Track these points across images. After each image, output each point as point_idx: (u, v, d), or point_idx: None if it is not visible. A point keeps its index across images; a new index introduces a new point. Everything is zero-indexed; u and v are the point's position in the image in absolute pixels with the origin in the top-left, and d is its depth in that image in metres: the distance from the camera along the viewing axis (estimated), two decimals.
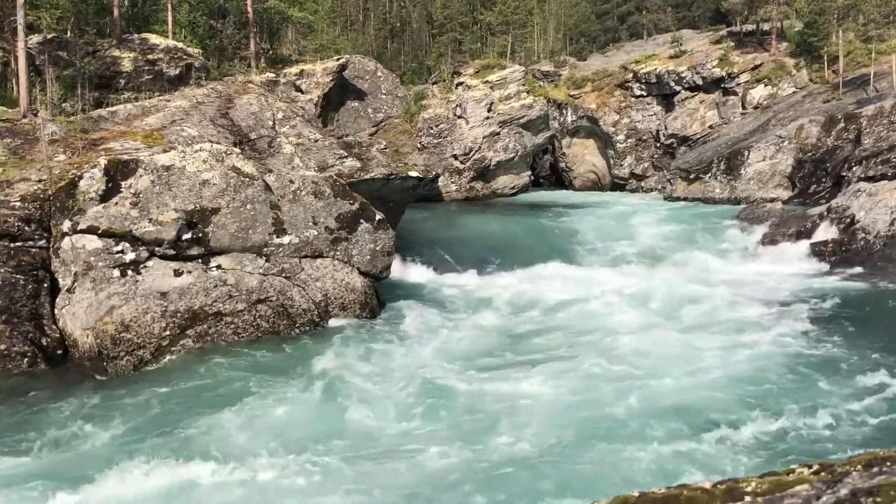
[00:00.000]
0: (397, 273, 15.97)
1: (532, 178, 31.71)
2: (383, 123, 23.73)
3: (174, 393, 9.92)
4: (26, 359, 10.99)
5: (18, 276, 11.60)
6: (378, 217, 14.35)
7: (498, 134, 27.75)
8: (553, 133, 33.27)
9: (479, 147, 27.38)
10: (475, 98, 27.46)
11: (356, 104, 23.33)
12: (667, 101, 33.98)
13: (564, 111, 34.82)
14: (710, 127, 32.02)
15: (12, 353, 10.95)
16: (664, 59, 34.97)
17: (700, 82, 32.97)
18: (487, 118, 27.44)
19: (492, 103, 27.60)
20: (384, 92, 24.16)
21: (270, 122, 17.49)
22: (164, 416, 9.22)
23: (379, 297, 14.32)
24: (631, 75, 34.85)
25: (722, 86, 32.60)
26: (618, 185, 35.00)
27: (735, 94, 32.26)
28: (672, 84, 33.56)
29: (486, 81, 28.09)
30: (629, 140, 34.28)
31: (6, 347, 10.93)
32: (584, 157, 35.90)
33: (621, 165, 34.82)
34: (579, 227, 20.66)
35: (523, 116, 28.11)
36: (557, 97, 34.24)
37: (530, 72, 34.87)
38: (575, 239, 19.90)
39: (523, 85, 28.83)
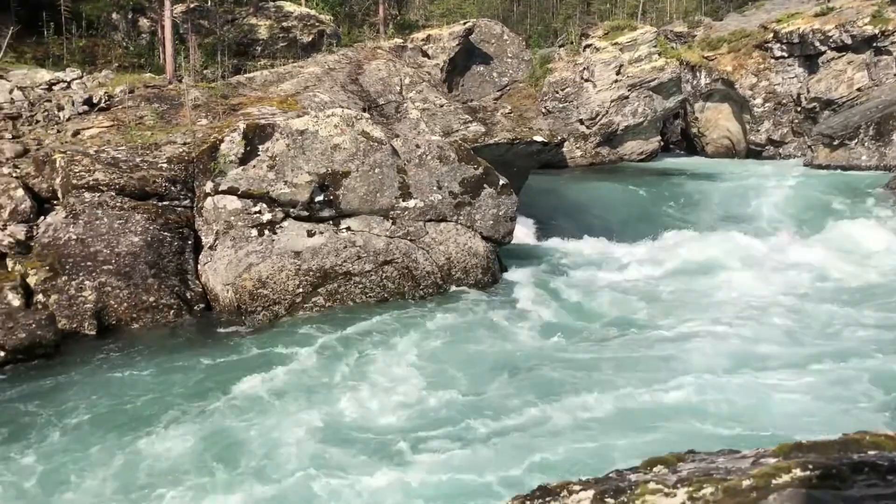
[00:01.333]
0: (520, 239, 15.94)
1: (661, 143, 30.64)
2: (508, 88, 23.56)
3: (309, 345, 10.41)
4: (172, 311, 11.78)
5: (166, 233, 12.41)
6: (501, 182, 14.34)
7: (626, 98, 26.96)
8: (685, 97, 31.96)
9: (607, 111, 26.71)
10: (603, 61, 26.74)
11: (481, 68, 23.25)
12: (810, 62, 31.84)
13: (698, 74, 33.34)
14: (859, 90, 29.80)
15: (160, 304, 11.77)
16: (808, 17, 32.70)
17: (849, 41, 30.67)
18: (616, 81, 26.68)
19: (621, 66, 26.79)
20: (510, 56, 23.94)
21: (398, 88, 17.74)
22: (301, 365, 9.69)
23: (501, 262, 14.38)
24: (771, 35, 32.84)
25: (874, 45, 30.18)
26: (753, 152, 33.29)
27: (889, 53, 29.81)
28: (816, 44, 31.38)
29: (616, 43, 27.26)
30: (767, 104, 32.45)
31: (155, 300, 11.76)
32: (717, 122, 34.32)
33: (758, 131, 33.08)
34: (713, 195, 19.85)
35: (654, 79, 27.15)
36: (691, 59, 32.80)
37: (662, 33, 33.52)
38: (708, 206, 19.14)
39: (655, 47, 27.79)
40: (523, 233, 16.72)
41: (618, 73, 26.82)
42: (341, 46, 19.40)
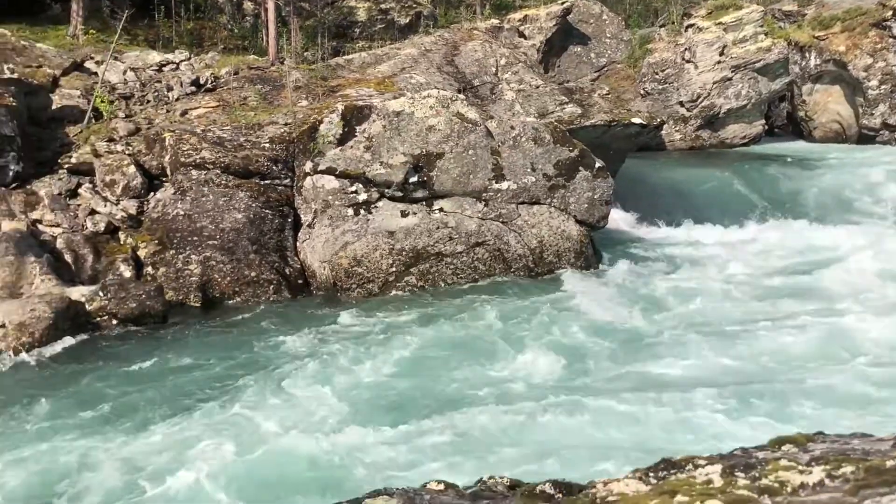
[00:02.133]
0: (615, 223, 15.67)
1: (766, 127, 29.38)
2: (606, 69, 23.09)
3: (401, 322, 10.60)
4: (272, 286, 12.18)
5: (267, 210, 12.82)
6: (597, 165, 14.11)
7: (730, 79, 25.98)
8: (792, 79, 30.49)
9: (709, 93, 25.83)
10: (706, 41, 25.82)
11: (578, 49, 22.85)
12: None
13: (807, 55, 31.71)
14: None
15: (261, 279, 12.19)
16: None
17: None
18: (719, 62, 25.74)
19: (724, 46, 25.82)
20: (608, 36, 23.43)
21: (493, 69, 17.66)
22: (394, 340, 9.87)
23: (595, 247, 14.17)
24: (890, 13, 30.90)
25: None
26: (866, 137, 31.50)
27: None
28: None
29: (720, 23, 26.27)
30: (883, 86, 30.61)
31: (256, 275, 12.19)
32: (826, 105, 32.62)
33: (872, 115, 31.26)
34: (820, 182, 18.92)
35: (759, 60, 26.05)
36: (800, 39, 31.24)
37: (770, 12, 32.03)
38: (814, 195, 18.26)
39: (761, 26, 26.63)
40: (619, 217, 16.41)
41: (721, 53, 25.87)
42: (438, 28, 19.46)
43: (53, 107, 14.09)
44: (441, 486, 1.88)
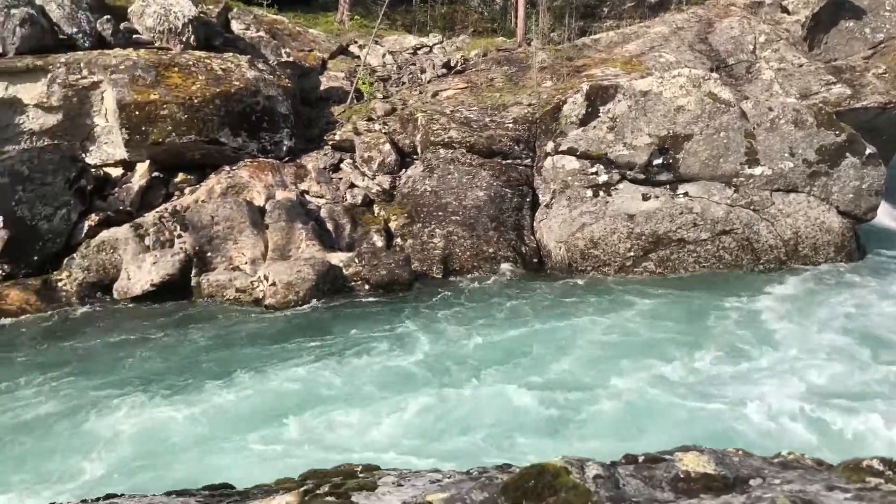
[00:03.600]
0: (882, 219, 14.10)
1: None
2: (883, 45, 20.65)
3: (637, 306, 10.41)
4: (508, 263, 12.47)
5: (507, 189, 13.12)
6: (868, 151, 12.76)
7: None
8: None
9: None
10: None
11: (850, 24, 20.64)
12: None
13: None
14: None
15: (498, 256, 12.54)
16: None
17: None
18: None
19: None
20: (888, 8, 20.92)
21: (751, 46, 16.54)
22: (631, 323, 9.74)
23: (858, 241, 12.87)
24: None
25: None
26: None
27: None
28: None
29: None
30: None
31: (493, 251, 12.55)
32: None
33: None
34: None
35: None
36: None
37: None
38: None
39: None
40: (882, 211, 14.71)
41: None
42: (691, 4, 18.58)
43: (321, 88, 15.45)
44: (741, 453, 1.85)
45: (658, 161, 12.56)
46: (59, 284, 11.06)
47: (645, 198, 12.53)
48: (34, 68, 12.39)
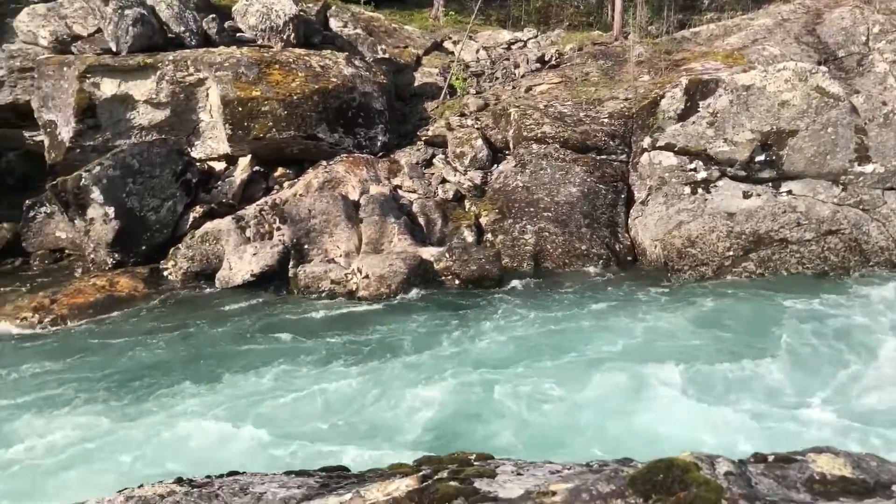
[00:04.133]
0: None
1: None
2: None
3: (737, 309, 10.07)
4: (601, 260, 12.28)
5: (601, 185, 12.92)
6: None
7: None
8: None
9: None
10: None
11: None
12: None
13: None
14: None
15: (591, 253, 12.36)
16: None
17: None
18: None
19: None
20: None
21: (863, 38, 15.71)
22: (727, 329, 9.42)
23: None
24: None
25: None
26: None
27: None
28: None
29: None
30: None
31: (586, 248, 12.38)
32: None
33: None
34: None
35: None
36: None
37: None
38: None
39: None
40: None
41: None
42: None
43: (416, 84, 15.59)
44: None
45: (760, 158, 12.11)
46: (166, 273, 11.58)
47: (746, 195, 12.11)
48: (145, 66, 13.00)
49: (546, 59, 16.18)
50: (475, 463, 1.93)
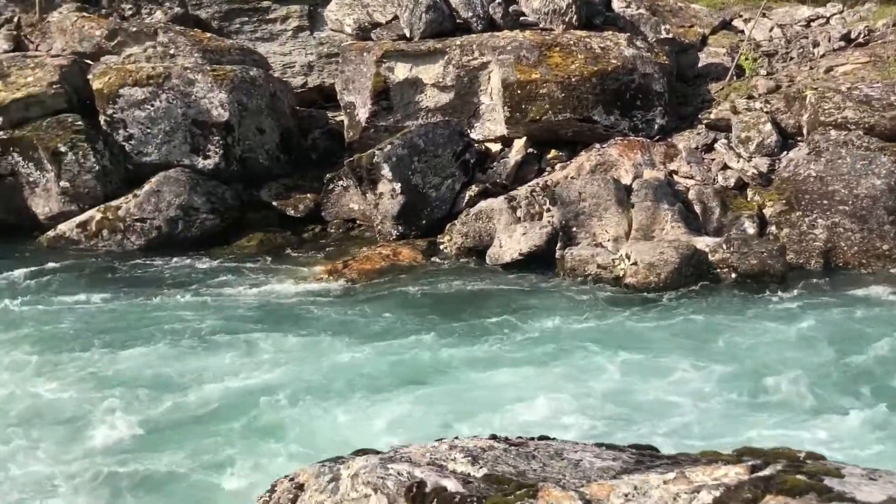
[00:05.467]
0: None
1: None
2: None
3: None
4: None
5: None
6: None
7: None
8: None
9: None
10: None
11: None
12: None
13: None
14: None
15: (894, 254, 11.06)
16: None
17: None
18: None
19: None
20: None
21: None
22: None
23: None
24: None
25: None
26: None
27: None
28: None
29: None
30: None
31: (889, 248, 11.12)
32: None
33: None
34: None
35: None
36: None
37: None
38: None
39: None
40: None
41: None
42: None
43: (699, 64, 14.85)
44: None
45: None
46: (441, 247, 12.32)
47: None
48: (434, 51, 13.78)
49: (853, 36, 14.52)
50: (807, 462, 1.84)
